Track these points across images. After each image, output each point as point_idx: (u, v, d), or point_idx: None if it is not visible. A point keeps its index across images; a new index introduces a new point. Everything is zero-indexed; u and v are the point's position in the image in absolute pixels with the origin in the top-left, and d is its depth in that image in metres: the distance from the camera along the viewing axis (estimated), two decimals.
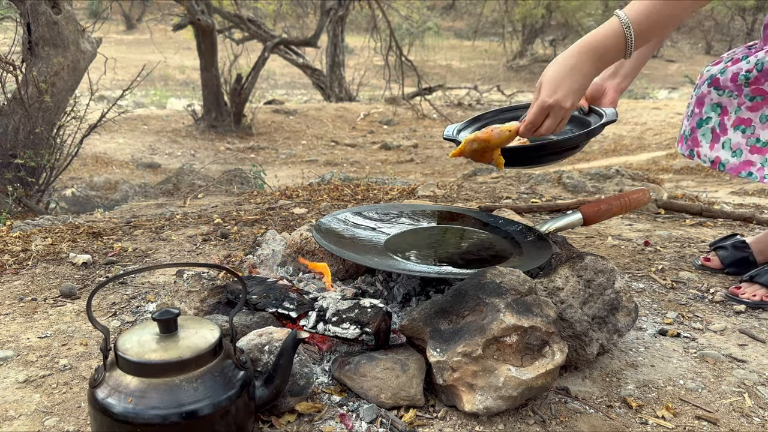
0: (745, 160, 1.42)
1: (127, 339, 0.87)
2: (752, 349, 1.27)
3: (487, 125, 1.62)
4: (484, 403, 0.96)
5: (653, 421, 1.01)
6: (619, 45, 1.18)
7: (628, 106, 9.28)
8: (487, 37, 19.64)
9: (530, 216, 2.24)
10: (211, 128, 8.63)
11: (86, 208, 3.63)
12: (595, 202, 1.54)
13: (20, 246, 1.86)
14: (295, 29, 13.23)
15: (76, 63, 3.10)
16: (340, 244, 1.34)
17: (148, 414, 0.80)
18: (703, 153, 1.48)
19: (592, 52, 1.19)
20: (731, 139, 1.43)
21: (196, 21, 7.85)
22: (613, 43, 1.18)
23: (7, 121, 2.96)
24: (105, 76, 3.44)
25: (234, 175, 3.70)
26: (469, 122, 1.66)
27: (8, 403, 1.05)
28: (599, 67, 1.21)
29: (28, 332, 1.31)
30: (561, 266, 1.18)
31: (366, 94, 13.09)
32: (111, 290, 1.53)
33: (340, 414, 1.00)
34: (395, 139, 8.81)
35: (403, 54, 10.28)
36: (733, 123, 1.41)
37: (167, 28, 11.46)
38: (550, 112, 1.20)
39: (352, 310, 1.09)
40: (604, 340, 1.15)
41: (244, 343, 1.02)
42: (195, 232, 2.05)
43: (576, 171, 3.14)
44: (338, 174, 3.91)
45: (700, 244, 1.94)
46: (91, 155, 6.37)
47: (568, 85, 1.18)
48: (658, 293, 1.55)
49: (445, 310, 1.04)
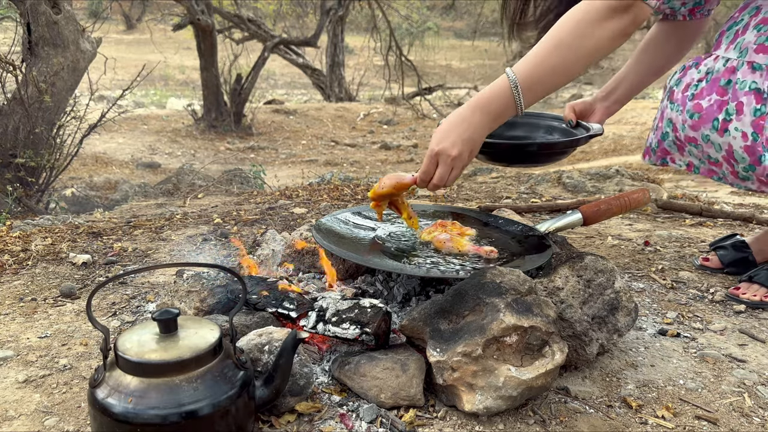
0: (707, 168, 1.44)
1: (127, 339, 0.87)
2: (752, 349, 1.27)
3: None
4: (484, 403, 0.96)
5: (653, 421, 1.01)
6: (508, 103, 1.23)
7: (628, 106, 9.24)
8: (486, 37, 19.63)
9: (530, 216, 2.24)
10: (211, 128, 8.63)
11: (86, 208, 3.63)
12: (595, 202, 1.54)
13: (20, 246, 1.86)
14: (295, 29, 13.22)
15: (76, 63, 3.10)
16: (340, 244, 1.34)
17: (147, 414, 0.80)
18: (677, 158, 1.49)
19: (481, 107, 1.24)
20: (690, 152, 1.45)
21: (196, 21, 7.85)
22: (502, 101, 1.23)
23: (7, 121, 2.96)
24: (105, 76, 3.44)
25: (234, 175, 3.70)
26: None
27: (8, 403, 1.05)
28: (491, 121, 1.24)
29: (28, 332, 1.31)
30: (561, 266, 1.18)
31: (366, 94, 13.09)
32: (111, 290, 1.53)
33: (340, 414, 1.00)
34: (395, 139, 8.81)
35: (403, 54, 10.28)
36: (684, 139, 1.42)
37: (167, 28, 11.46)
38: (439, 160, 1.24)
39: (352, 310, 1.09)
40: (604, 340, 1.15)
41: (244, 343, 1.02)
42: (195, 232, 2.05)
43: (576, 171, 3.14)
44: (338, 174, 3.91)
45: (700, 244, 1.94)
46: (91, 155, 6.37)
47: (456, 134, 1.23)
48: (658, 293, 1.55)
49: (445, 310, 1.04)
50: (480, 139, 1.25)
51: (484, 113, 1.23)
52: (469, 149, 1.24)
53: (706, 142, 1.37)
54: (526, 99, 1.22)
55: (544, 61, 1.21)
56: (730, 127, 1.31)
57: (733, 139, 1.31)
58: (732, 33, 1.36)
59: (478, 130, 1.24)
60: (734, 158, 1.33)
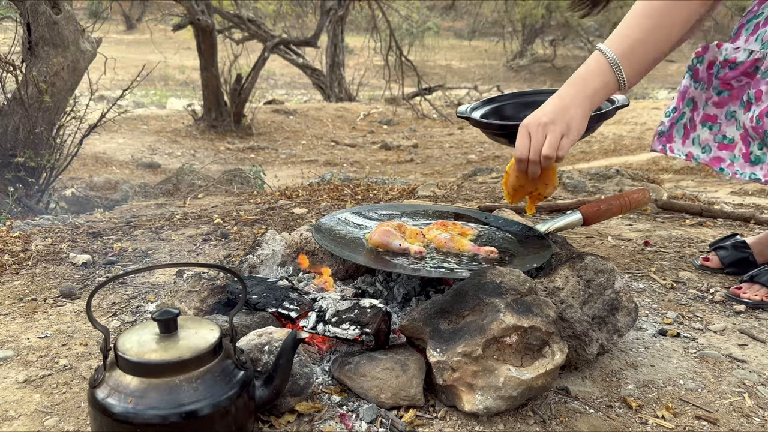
0: (714, 156, 1.42)
1: (127, 339, 0.87)
2: (752, 349, 1.27)
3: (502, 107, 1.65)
4: (484, 403, 0.96)
5: (653, 421, 1.01)
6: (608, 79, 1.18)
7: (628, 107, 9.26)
8: (486, 37, 19.64)
9: (530, 216, 2.24)
10: (211, 128, 8.62)
11: (86, 208, 3.62)
12: (595, 202, 1.54)
13: (20, 246, 1.86)
14: (295, 29, 13.22)
15: (76, 63, 3.09)
16: (340, 244, 1.34)
17: (147, 414, 0.80)
18: (677, 148, 1.48)
19: (575, 85, 1.20)
20: (700, 135, 1.42)
21: (196, 21, 7.85)
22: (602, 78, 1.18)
23: (7, 121, 2.96)
24: (105, 76, 3.43)
25: (234, 175, 3.70)
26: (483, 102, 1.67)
27: (8, 403, 1.05)
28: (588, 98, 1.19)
29: (28, 332, 1.31)
30: (561, 266, 1.18)
31: (366, 94, 13.09)
32: (111, 290, 1.53)
33: (340, 414, 1.00)
34: (395, 139, 8.80)
35: (403, 54, 10.28)
36: (701, 119, 1.40)
37: (167, 28, 11.45)
38: (530, 131, 1.19)
39: (352, 311, 1.09)
40: (604, 340, 1.15)
41: (244, 343, 1.02)
42: (195, 232, 2.05)
43: (576, 171, 3.14)
44: (338, 174, 3.91)
45: (700, 244, 1.94)
46: (91, 155, 6.36)
47: (546, 107, 1.19)
48: (658, 293, 1.55)
49: (445, 310, 1.04)
50: (578, 107, 1.17)
51: (582, 84, 1.18)
52: (564, 118, 1.16)
53: (729, 119, 1.35)
54: (627, 71, 1.17)
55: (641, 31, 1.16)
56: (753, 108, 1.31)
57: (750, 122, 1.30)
58: (752, 25, 1.35)
59: (572, 100, 1.17)
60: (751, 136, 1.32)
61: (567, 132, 1.17)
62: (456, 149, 7.78)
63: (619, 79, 1.18)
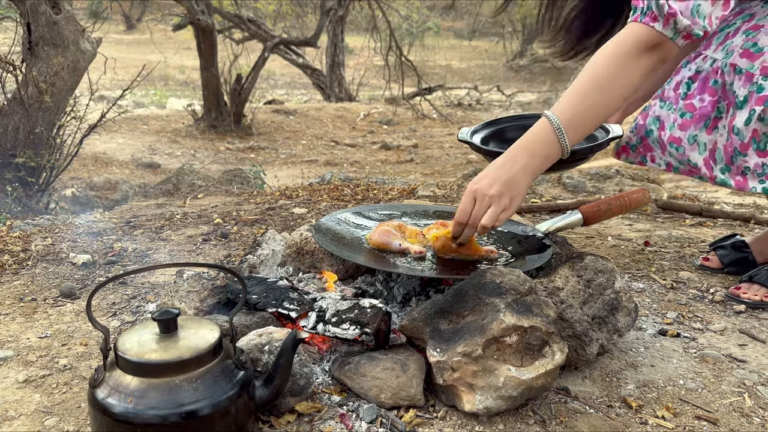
0: (688, 169, 1.45)
1: (127, 339, 0.87)
2: (752, 349, 1.27)
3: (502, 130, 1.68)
4: (484, 403, 0.96)
5: (653, 421, 1.01)
6: (552, 145, 1.20)
7: None
8: (486, 37, 19.64)
9: (530, 216, 2.24)
10: (211, 128, 8.62)
11: (86, 208, 3.62)
12: (595, 202, 1.54)
13: (20, 246, 1.86)
14: (295, 29, 13.22)
15: (76, 63, 3.09)
16: (340, 244, 1.34)
17: (147, 414, 0.80)
18: (658, 157, 1.50)
19: (524, 150, 1.21)
20: (670, 153, 1.46)
21: (196, 21, 7.84)
22: (546, 143, 1.20)
23: (7, 121, 2.96)
24: (105, 76, 3.44)
25: (234, 175, 3.70)
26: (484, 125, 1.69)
27: (8, 403, 1.05)
28: (535, 164, 1.21)
29: (28, 332, 1.31)
30: (561, 266, 1.18)
31: (366, 94, 13.09)
32: (111, 290, 1.53)
33: (340, 414, 1.00)
34: (395, 139, 8.80)
35: (403, 54, 10.27)
36: (668, 139, 1.43)
37: (167, 28, 11.45)
38: (476, 197, 1.20)
39: (352, 311, 1.09)
40: (604, 340, 1.15)
41: (244, 343, 1.02)
42: (195, 232, 2.05)
43: (576, 171, 3.14)
44: (338, 174, 3.91)
45: (700, 244, 1.94)
46: (91, 155, 6.36)
47: (496, 175, 1.20)
48: (658, 293, 1.55)
49: (445, 310, 1.04)
50: (523, 181, 1.20)
51: (528, 156, 1.20)
52: (510, 191, 1.19)
53: (692, 143, 1.38)
54: (570, 138, 1.20)
55: (585, 99, 1.20)
56: (719, 125, 1.33)
57: (720, 136, 1.32)
58: (723, 35, 1.37)
59: (520, 173, 1.20)
60: (714, 159, 1.34)
61: (508, 206, 1.20)
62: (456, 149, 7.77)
63: (562, 147, 1.21)
